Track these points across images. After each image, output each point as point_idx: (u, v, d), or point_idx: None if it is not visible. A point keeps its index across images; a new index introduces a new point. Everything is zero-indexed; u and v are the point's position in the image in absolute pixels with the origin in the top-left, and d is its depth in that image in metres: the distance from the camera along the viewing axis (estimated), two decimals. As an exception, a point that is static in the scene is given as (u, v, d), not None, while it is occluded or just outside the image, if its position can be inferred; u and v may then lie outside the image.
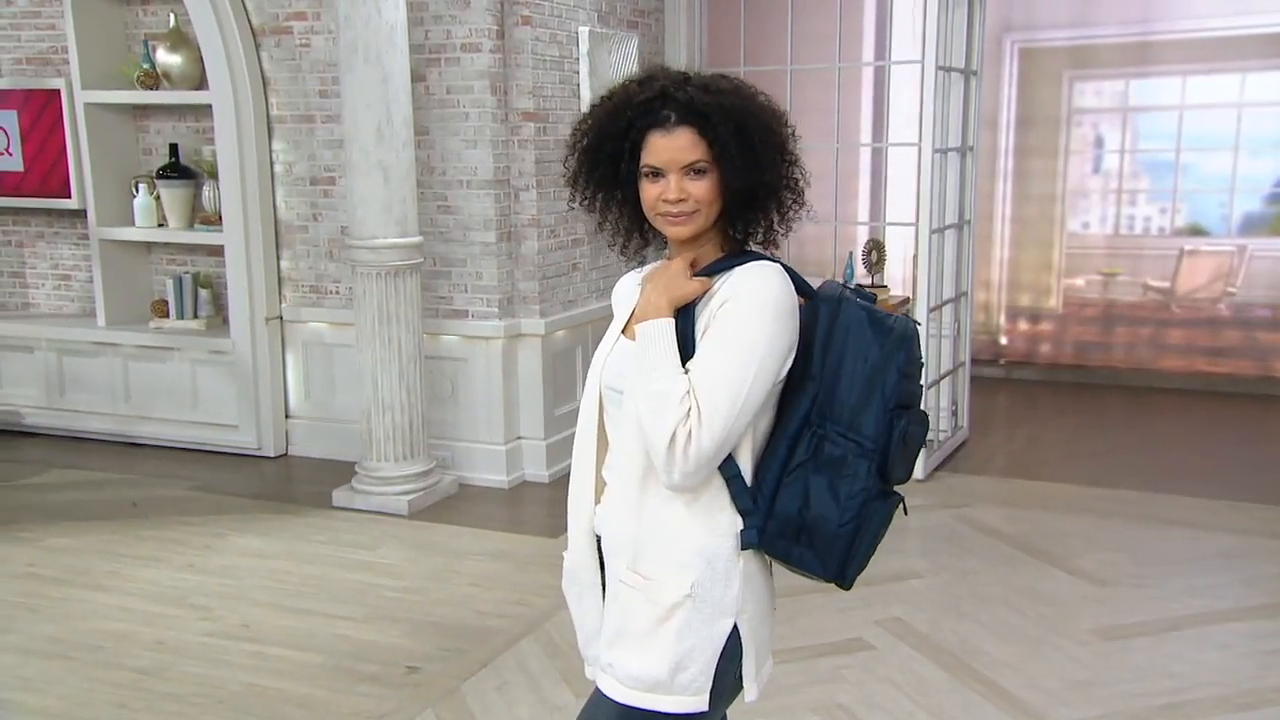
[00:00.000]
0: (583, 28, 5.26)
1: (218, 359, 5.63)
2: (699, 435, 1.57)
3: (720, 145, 1.63)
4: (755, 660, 1.73)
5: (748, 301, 1.61)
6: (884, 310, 1.69)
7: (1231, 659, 3.43)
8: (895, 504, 1.68)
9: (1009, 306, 7.43)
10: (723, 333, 1.61)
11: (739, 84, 1.71)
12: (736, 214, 1.70)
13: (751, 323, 1.60)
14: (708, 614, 1.67)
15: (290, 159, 5.45)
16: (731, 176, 1.64)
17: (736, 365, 1.59)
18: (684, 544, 1.67)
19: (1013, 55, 7.15)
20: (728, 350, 1.60)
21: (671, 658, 1.67)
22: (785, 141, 1.70)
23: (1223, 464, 5.47)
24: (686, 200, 1.65)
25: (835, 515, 1.63)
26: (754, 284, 1.63)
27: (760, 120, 1.67)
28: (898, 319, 1.67)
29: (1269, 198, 7.01)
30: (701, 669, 1.68)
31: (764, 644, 1.77)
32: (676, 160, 1.64)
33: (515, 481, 5.17)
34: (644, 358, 1.63)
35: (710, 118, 1.63)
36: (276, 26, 5.36)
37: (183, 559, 4.31)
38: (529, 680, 3.32)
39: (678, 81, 1.67)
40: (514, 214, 5.08)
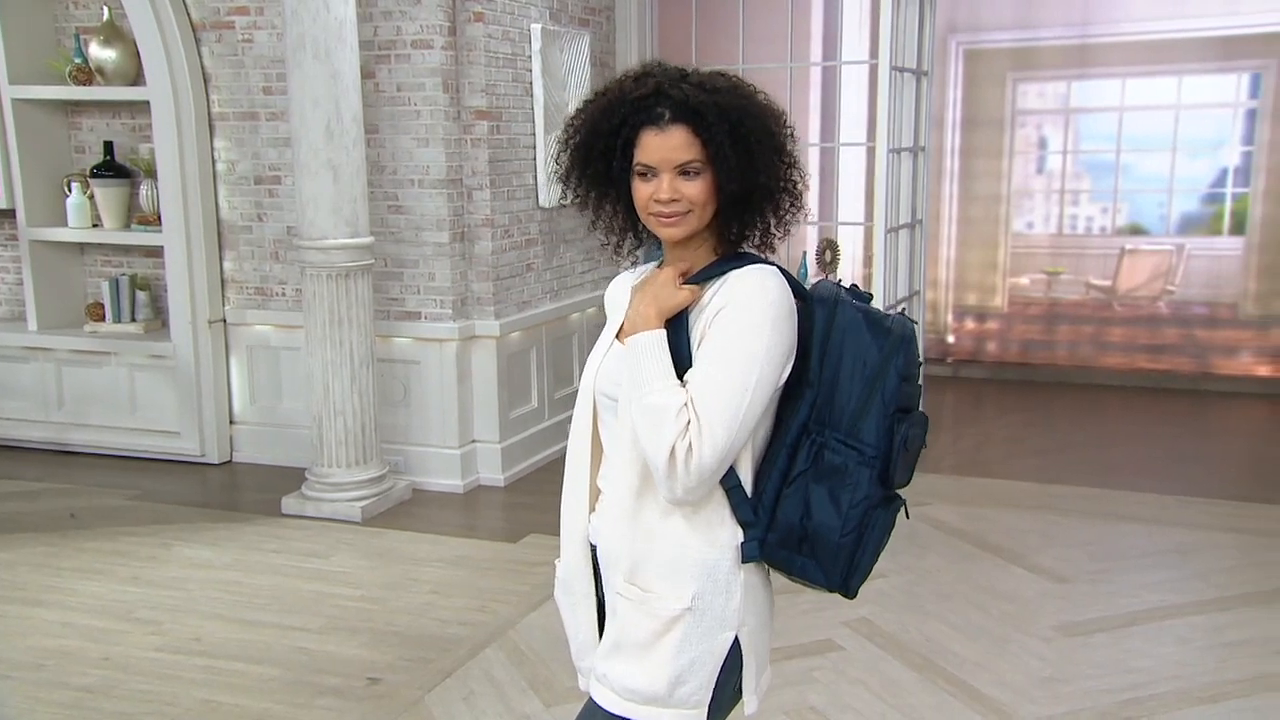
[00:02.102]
0: (535, 25, 5.19)
1: (157, 363, 5.45)
2: (699, 448, 1.52)
3: (715, 145, 1.58)
4: (755, 671, 1.70)
5: (744, 308, 1.57)
6: (881, 311, 1.65)
7: (1191, 653, 3.48)
8: (897, 510, 1.65)
9: (956, 305, 7.52)
10: (720, 341, 1.57)
11: (737, 82, 1.65)
12: (732, 216, 1.65)
13: (749, 330, 1.56)
14: (708, 627, 1.63)
15: (233, 157, 5.30)
16: (726, 178, 1.59)
17: (736, 374, 1.54)
18: (684, 556, 1.62)
19: (958, 56, 7.23)
20: (726, 359, 1.55)
21: (671, 671, 1.63)
22: (783, 143, 1.65)
23: (1168, 459, 5.58)
24: (679, 201, 1.60)
25: (837, 525, 1.59)
26: (750, 289, 1.58)
27: (758, 120, 1.62)
28: (895, 319, 1.63)
29: (1205, 198, 7.18)
30: (702, 683, 1.64)
31: (764, 654, 1.74)
32: (669, 160, 1.59)
33: (470, 486, 5.08)
34: (636, 371, 1.59)
35: (705, 117, 1.58)
36: (217, 21, 5.20)
37: (127, 571, 4.16)
38: (495, 689, 3.25)
39: (674, 78, 1.62)
40: (467, 214, 4.99)
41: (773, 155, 1.63)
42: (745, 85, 1.65)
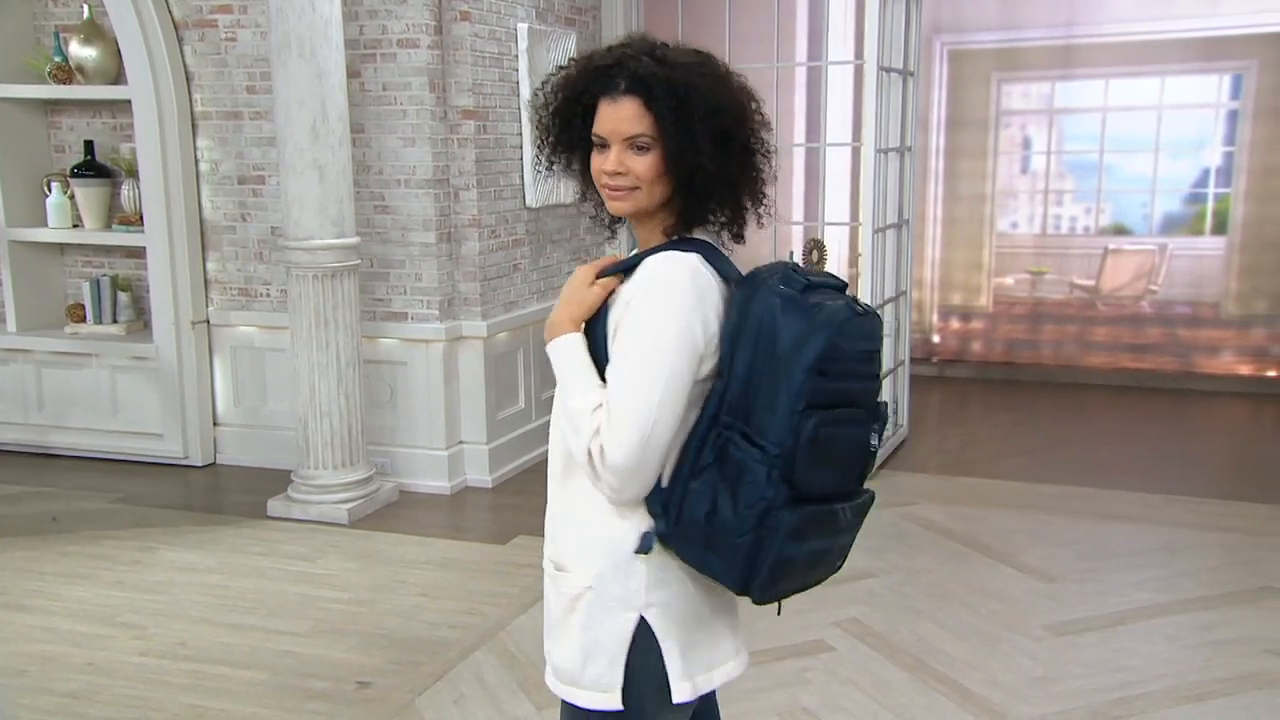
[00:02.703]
0: (521, 24, 5.16)
1: (139, 365, 5.40)
2: (609, 447, 1.50)
3: (661, 120, 1.54)
4: (683, 658, 1.61)
5: (649, 298, 1.52)
6: (822, 295, 1.52)
7: (1179, 651, 3.49)
8: (815, 515, 1.52)
9: (941, 305, 7.54)
10: (628, 335, 1.53)
11: (704, 60, 1.59)
12: (687, 198, 1.60)
13: (653, 321, 1.51)
14: (609, 607, 1.60)
15: (216, 157, 5.25)
16: (669, 156, 1.55)
17: (641, 368, 1.50)
18: (591, 537, 1.62)
19: (942, 57, 7.25)
20: (631, 354, 1.52)
21: (579, 650, 1.63)
22: (734, 127, 1.56)
23: (1153, 458, 5.61)
24: (625, 175, 1.57)
25: (734, 525, 1.49)
26: (655, 277, 1.53)
27: (706, 98, 1.54)
28: (823, 307, 1.50)
29: (1188, 198, 7.23)
30: (608, 664, 1.61)
31: (699, 643, 1.64)
32: (618, 131, 1.56)
33: (458, 487, 5.05)
34: (559, 377, 1.60)
35: (654, 90, 1.53)
36: (200, 20, 5.16)
37: (111, 575, 4.11)
38: (486, 692, 3.23)
39: (640, 50, 1.58)
40: (454, 214, 4.96)
41: (719, 138, 1.54)
42: (711, 64, 1.59)
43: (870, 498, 1.65)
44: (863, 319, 1.52)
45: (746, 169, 1.60)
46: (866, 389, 1.54)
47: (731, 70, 1.62)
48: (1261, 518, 4.67)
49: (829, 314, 1.48)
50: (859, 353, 1.50)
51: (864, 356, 1.52)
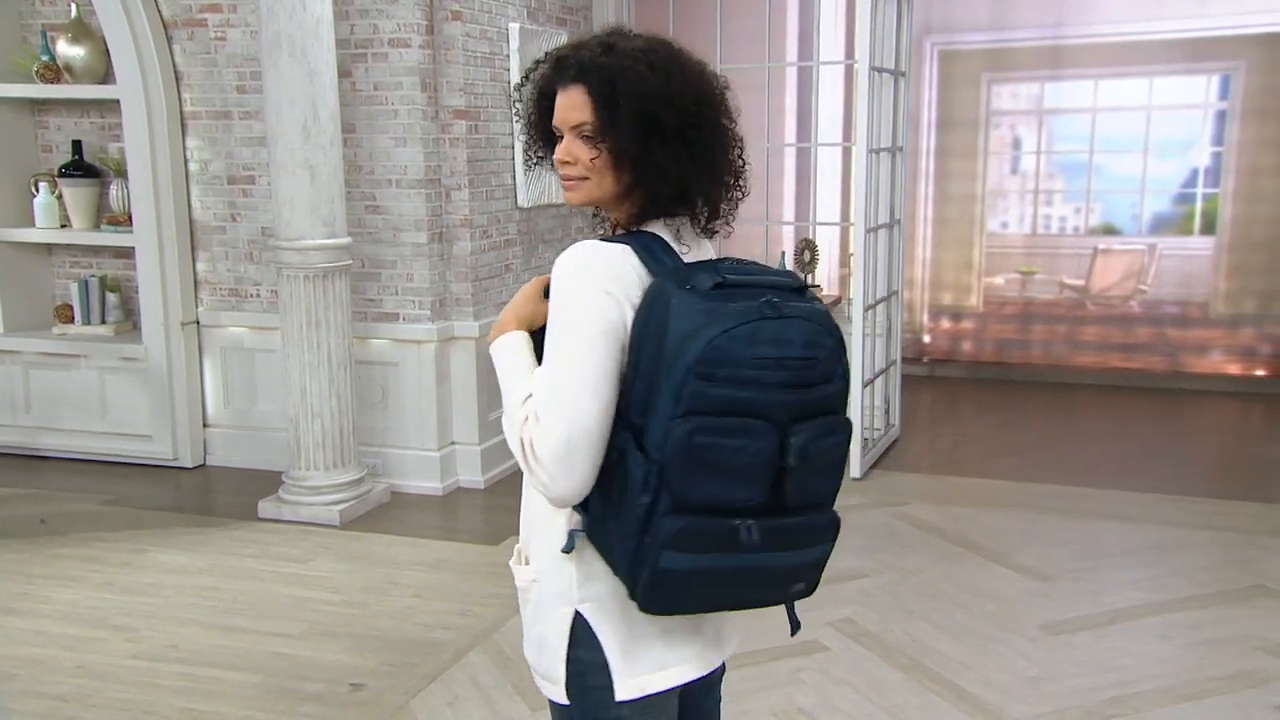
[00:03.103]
0: (513, 24, 5.15)
1: (128, 366, 5.37)
2: (535, 441, 1.47)
3: (597, 108, 1.52)
4: (625, 655, 1.56)
5: (555, 289, 1.50)
6: (734, 295, 1.42)
7: (1173, 650, 3.50)
8: (700, 528, 1.40)
9: (932, 305, 7.55)
10: (548, 329, 1.51)
11: (655, 47, 1.54)
12: (639, 189, 1.56)
13: (559, 310, 1.48)
14: (549, 601, 1.60)
15: (206, 157, 5.22)
16: (607, 145, 1.52)
17: (561, 360, 1.47)
18: (537, 532, 1.63)
19: (933, 57, 7.27)
20: (550, 346, 1.49)
21: (534, 641, 1.65)
22: (666, 113, 1.49)
23: (1143, 458, 5.63)
24: (574, 164, 1.55)
25: (621, 528, 1.44)
26: (564, 268, 1.49)
27: (636, 85, 1.49)
28: (721, 306, 1.40)
29: (1176, 198, 7.26)
30: (553, 656, 1.61)
31: (645, 641, 1.56)
32: (566, 120, 1.55)
33: (450, 488, 5.03)
34: (499, 374, 1.60)
35: (591, 77, 1.52)
36: (189, 19, 5.13)
37: (101, 577, 4.08)
38: (481, 694, 3.22)
39: (599, 39, 1.57)
40: (446, 214, 4.95)
41: (648, 123, 1.49)
42: (659, 52, 1.53)
43: (815, 523, 1.50)
44: (774, 323, 1.39)
45: (693, 159, 1.52)
46: (769, 399, 1.39)
47: (690, 61, 1.56)
48: (1251, 516, 4.69)
49: (721, 314, 1.38)
50: (760, 358, 1.38)
51: (769, 363, 1.38)
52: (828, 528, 1.52)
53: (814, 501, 1.49)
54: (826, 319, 1.46)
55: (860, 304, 5.01)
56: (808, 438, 1.42)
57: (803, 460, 1.41)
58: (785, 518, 1.45)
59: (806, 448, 1.42)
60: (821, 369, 1.43)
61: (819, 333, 1.43)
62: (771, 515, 1.44)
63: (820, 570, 1.55)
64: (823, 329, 1.44)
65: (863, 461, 5.15)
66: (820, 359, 1.43)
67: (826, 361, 1.44)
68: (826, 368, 1.44)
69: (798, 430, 1.41)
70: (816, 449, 1.44)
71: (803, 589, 1.54)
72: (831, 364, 1.45)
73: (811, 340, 1.42)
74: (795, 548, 1.48)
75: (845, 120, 6.83)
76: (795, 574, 1.52)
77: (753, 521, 1.42)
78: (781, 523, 1.44)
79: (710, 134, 1.54)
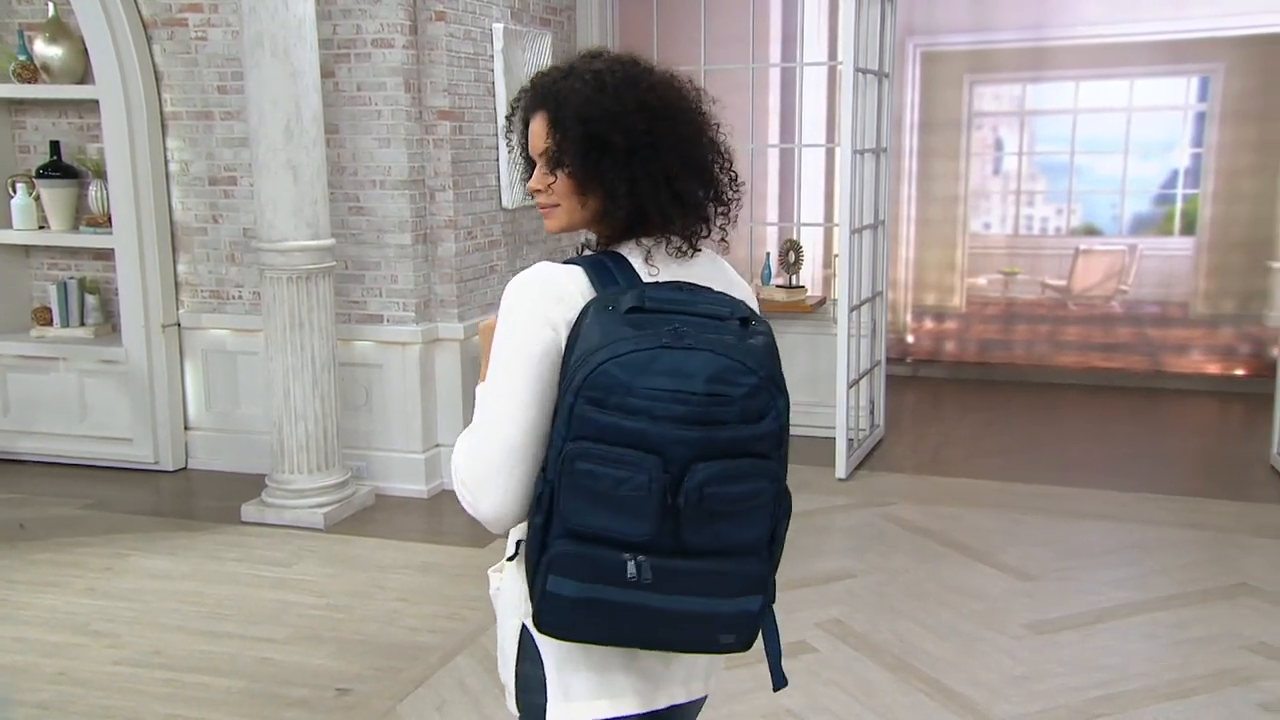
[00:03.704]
0: (497, 24, 5.13)
1: (108, 369, 5.32)
2: (458, 458, 1.49)
3: (551, 133, 1.49)
4: (560, 678, 1.52)
5: (500, 313, 1.48)
6: (648, 320, 1.36)
7: (1157, 649, 3.52)
8: (585, 556, 1.35)
9: (915, 305, 7.58)
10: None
11: (613, 68, 1.50)
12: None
13: (499, 334, 1.46)
14: (506, 609, 1.59)
15: (186, 158, 5.18)
16: (564, 169, 1.50)
17: (490, 381, 1.46)
18: (507, 545, 1.62)
19: (915, 59, 7.29)
20: (488, 369, 1.49)
21: (498, 647, 1.65)
22: (612, 133, 1.46)
23: (1124, 457, 5.66)
24: (545, 191, 1.54)
25: (528, 548, 1.41)
26: (506, 293, 1.48)
27: (583, 110, 1.47)
28: (618, 331, 1.34)
29: (1156, 199, 7.32)
30: (506, 667, 1.60)
31: (582, 668, 1.50)
32: (535, 147, 1.54)
33: (435, 490, 5.01)
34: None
35: (547, 103, 1.51)
36: (169, 18, 5.09)
37: (82, 583, 4.04)
38: (469, 698, 3.20)
39: (569, 63, 1.55)
40: (430, 215, 4.93)
41: (598, 148, 1.47)
42: (616, 72, 1.49)
43: (727, 571, 1.38)
44: (675, 353, 1.32)
45: (649, 178, 1.47)
46: (661, 432, 1.31)
47: (655, 78, 1.51)
48: (1232, 515, 4.72)
49: (619, 339, 1.33)
50: (652, 389, 1.31)
51: (663, 395, 1.30)
52: (749, 580, 1.40)
53: (724, 548, 1.37)
54: (753, 355, 1.35)
55: (845, 305, 5.02)
56: (705, 479, 1.32)
57: (698, 502, 1.32)
58: (685, 560, 1.35)
59: (703, 489, 1.32)
60: (738, 408, 1.33)
61: (732, 369, 1.33)
62: (671, 555, 1.35)
63: (754, 624, 1.42)
64: (740, 365, 1.34)
65: (848, 462, 5.16)
66: (734, 397, 1.33)
67: (746, 401, 1.33)
68: (746, 407, 1.33)
69: (697, 470, 1.31)
70: (720, 493, 1.33)
71: (733, 641, 1.42)
72: (756, 404, 1.34)
73: (719, 376, 1.32)
74: (699, 594, 1.37)
75: (828, 121, 6.84)
76: (713, 622, 1.40)
77: (644, 559, 1.34)
78: (678, 564, 1.35)
79: (670, 152, 1.49)
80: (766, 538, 1.41)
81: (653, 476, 1.31)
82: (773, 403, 1.36)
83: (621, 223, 1.52)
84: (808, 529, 4.53)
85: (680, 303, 1.39)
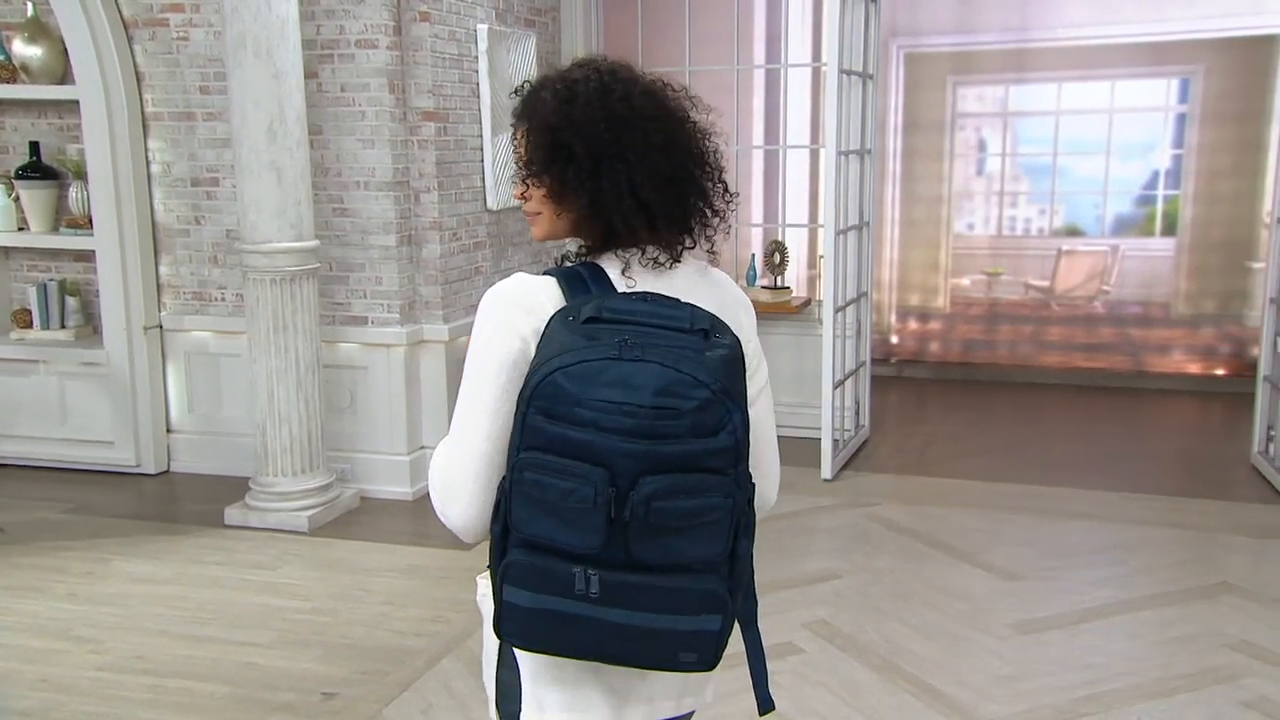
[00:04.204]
0: (481, 25, 5.12)
1: (89, 371, 5.27)
2: (430, 471, 1.51)
3: (525, 143, 1.51)
4: (535, 690, 1.51)
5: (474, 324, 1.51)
6: (600, 331, 1.35)
7: (1141, 648, 3.54)
8: (536, 566, 1.34)
9: (899, 306, 7.60)
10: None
11: (588, 76, 1.48)
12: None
13: (469, 351, 1.48)
14: (488, 615, 1.56)
15: (168, 159, 5.15)
16: (536, 179, 1.51)
17: (461, 392, 1.48)
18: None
19: (899, 60, 7.31)
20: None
21: (483, 654, 1.64)
22: (575, 148, 1.45)
23: (1107, 456, 5.69)
24: (530, 200, 1.54)
25: (490, 556, 1.43)
26: (478, 309, 1.50)
27: (546, 119, 1.47)
28: (569, 341, 1.34)
29: (1138, 200, 7.36)
30: (488, 673, 1.60)
31: (555, 681, 1.50)
32: (518, 155, 1.55)
33: (420, 493, 4.99)
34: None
35: (522, 112, 1.52)
36: (151, 18, 5.05)
37: (64, 587, 4.00)
38: (455, 701, 3.19)
39: (548, 73, 1.56)
40: (415, 216, 4.91)
41: (562, 158, 1.46)
42: (590, 80, 1.47)
43: (681, 588, 1.34)
44: (623, 365, 1.30)
45: (614, 188, 1.45)
46: (608, 445, 1.28)
47: (631, 86, 1.48)
48: (1214, 514, 4.75)
49: (570, 349, 1.32)
50: (600, 401, 1.29)
51: (610, 407, 1.28)
52: (707, 598, 1.35)
53: (677, 564, 1.33)
54: (706, 368, 1.32)
55: (831, 306, 5.03)
56: (653, 492, 1.29)
57: (645, 516, 1.29)
58: (636, 575, 1.32)
59: (650, 503, 1.29)
60: (688, 421, 1.29)
61: (682, 382, 1.30)
62: (622, 569, 1.32)
63: (715, 644, 1.38)
64: (691, 379, 1.30)
65: (834, 462, 5.17)
66: (684, 410, 1.29)
67: (697, 414, 1.30)
68: (698, 421, 1.30)
69: (644, 483, 1.29)
70: (668, 507, 1.29)
71: (694, 661, 1.38)
72: (709, 418, 1.31)
73: (667, 389, 1.29)
74: (651, 609, 1.34)
75: (813, 122, 6.85)
76: (669, 639, 1.36)
77: (595, 572, 1.32)
78: (629, 579, 1.32)
79: (638, 163, 1.45)
80: (723, 555, 1.36)
81: (599, 489, 1.29)
82: (728, 417, 1.32)
83: (598, 233, 1.51)
84: (794, 530, 4.54)
85: (638, 314, 1.37)
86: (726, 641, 1.40)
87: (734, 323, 1.50)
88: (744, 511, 1.38)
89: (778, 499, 1.65)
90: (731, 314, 1.53)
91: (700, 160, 1.53)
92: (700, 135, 1.54)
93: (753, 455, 1.42)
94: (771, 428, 1.61)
